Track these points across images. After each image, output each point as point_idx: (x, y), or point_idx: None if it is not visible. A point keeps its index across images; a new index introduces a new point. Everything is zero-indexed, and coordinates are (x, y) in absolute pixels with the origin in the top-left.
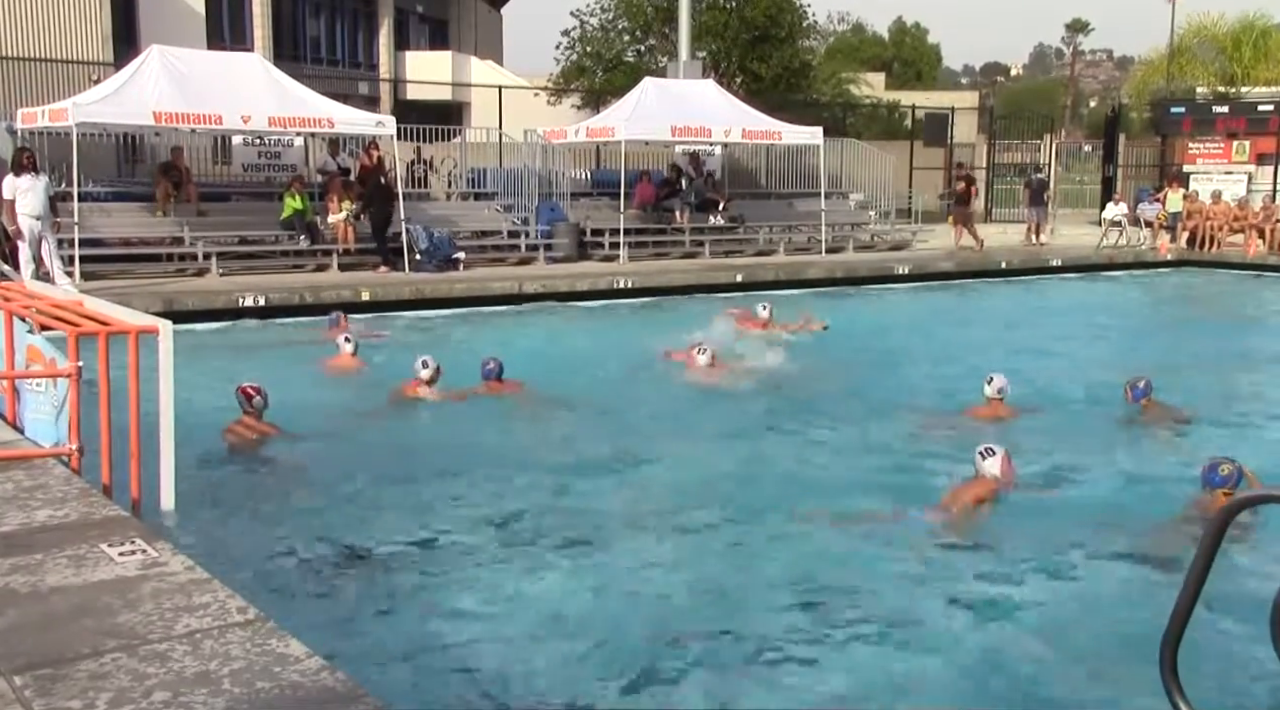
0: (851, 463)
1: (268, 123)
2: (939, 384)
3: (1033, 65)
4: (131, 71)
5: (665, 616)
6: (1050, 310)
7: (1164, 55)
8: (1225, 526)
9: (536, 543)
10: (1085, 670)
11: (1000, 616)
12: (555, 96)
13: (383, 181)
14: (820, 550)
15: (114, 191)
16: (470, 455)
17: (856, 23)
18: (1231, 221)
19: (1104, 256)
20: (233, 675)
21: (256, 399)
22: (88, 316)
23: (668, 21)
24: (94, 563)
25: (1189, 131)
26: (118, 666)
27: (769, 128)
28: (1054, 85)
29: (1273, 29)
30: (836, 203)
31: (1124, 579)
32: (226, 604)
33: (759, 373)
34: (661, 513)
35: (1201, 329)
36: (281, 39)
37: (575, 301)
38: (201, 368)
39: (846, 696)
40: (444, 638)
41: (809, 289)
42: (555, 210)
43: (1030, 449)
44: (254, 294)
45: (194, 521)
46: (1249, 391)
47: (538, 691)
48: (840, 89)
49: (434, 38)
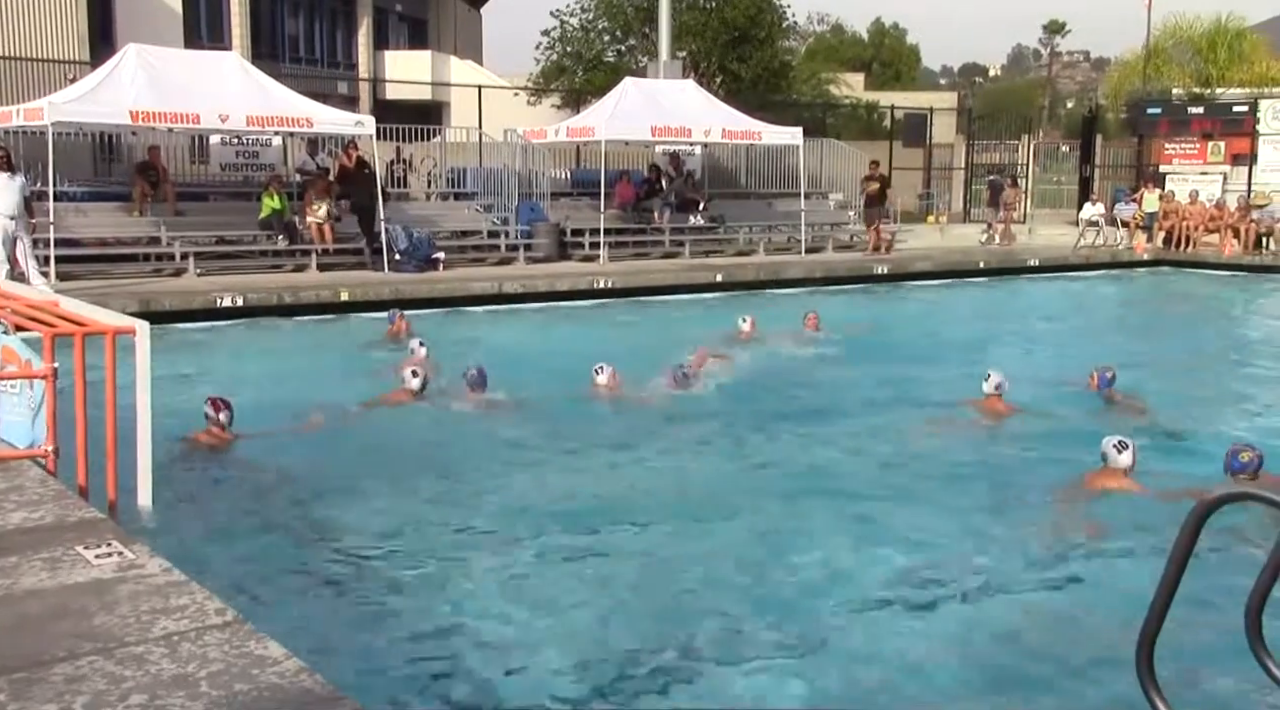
0: (860, 462)
1: (246, 122)
2: (932, 384)
3: (1011, 66)
4: (108, 70)
5: (669, 619)
6: (1027, 309)
7: (1140, 56)
8: (1201, 524)
9: (516, 546)
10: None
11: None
12: (535, 96)
13: (366, 172)
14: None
15: (90, 191)
16: (451, 459)
17: (836, 23)
18: (1207, 222)
19: (1081, 256)
20: (210, 677)
21: (223, 413)
22: (64, 317)
23: (648, 21)
24: (70, 565)
25: (1165, 132)
26: (94, 669)
27: (749, 128)
28: (1032, 86)
29: (1247, 31)
30: (816, 203)
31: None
32: (204, 606)
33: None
34: (660, 513)
35: (1177, 327)
36: (260, 38)
37: (555, 302)
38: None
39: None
40: (423, 640)
41: (790, 289)
42: (535, 210)
43: (1031, 444)
44: (232, 294)
45: (171, 523)
46: (1220, 388)
47: (517, 694)
48: (820, 89)
49: (413, 37)
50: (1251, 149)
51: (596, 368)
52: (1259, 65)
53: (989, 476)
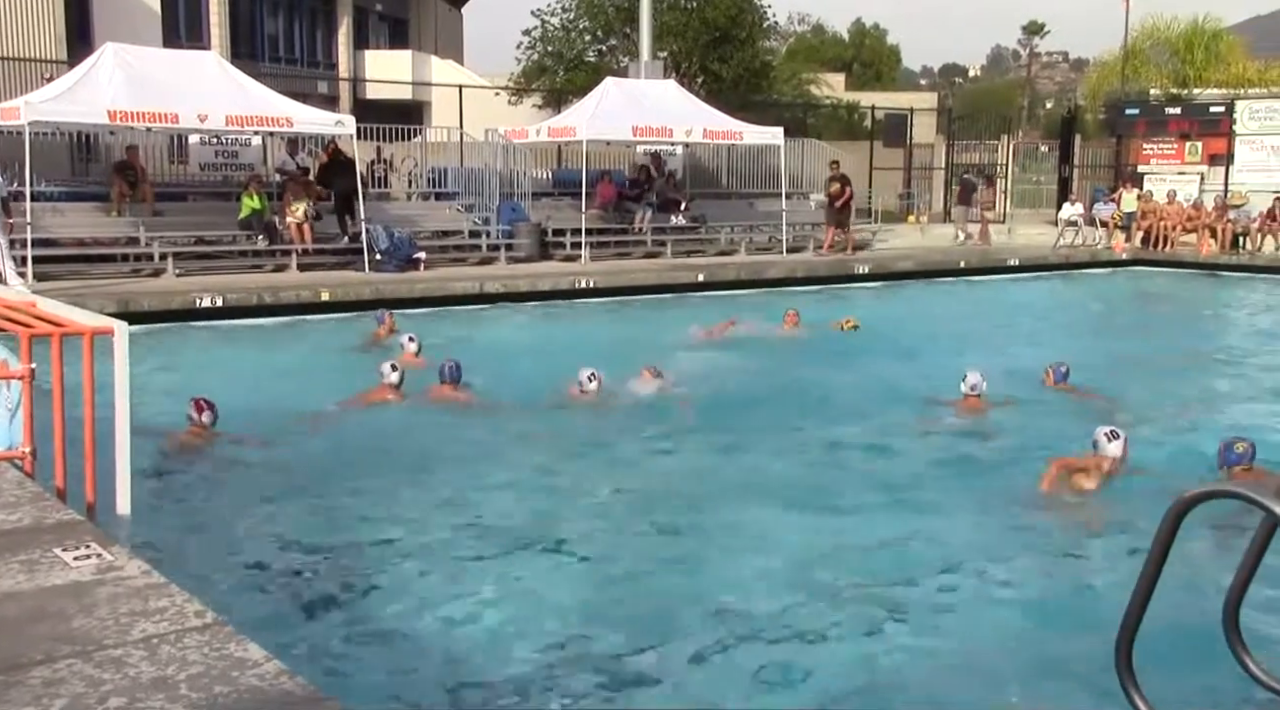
0: (835, 460)
1: (225, 122)
2: (910, 383)
3: (990, 67)
4: (85, 69)
5: (647, 617)
6: (1008, 308)
7: (1118, 57)
8: (1179, 522)
9: (498, 546)
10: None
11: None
12: (516, 96)
13: (343, 160)
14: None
15: (68, 191)
16: (431, 458)
17: (817, 24)
18: (1185, 221)
19: (1060, 256)
20: (190, 680)
21: (205, 414)
22: (41, 318)
23: (629, 21)
24: (48, 567)
25: (1143, 133)
26: (72, 673)
27: (730, 128)
28: (1011, 86)
29: (1223, 32)
30: (797, 203)
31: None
32: (184, 608)
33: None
34: (638, 511)
35: (1153, 326)
36: (239, 37)
37: (536, 302)
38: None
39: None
40: (405, 641)
41: (770, 288)
42: (516, 210)
43: (1011, 442)
44: (211, 294)
45: (151, 525)
46: (1189, 384)
47: (497, 694)
48: (801, 89)
49: (394, 37)
50: (1228, 149)
51: (589, 375)
52: (1236, 66)
53: (966, 475)
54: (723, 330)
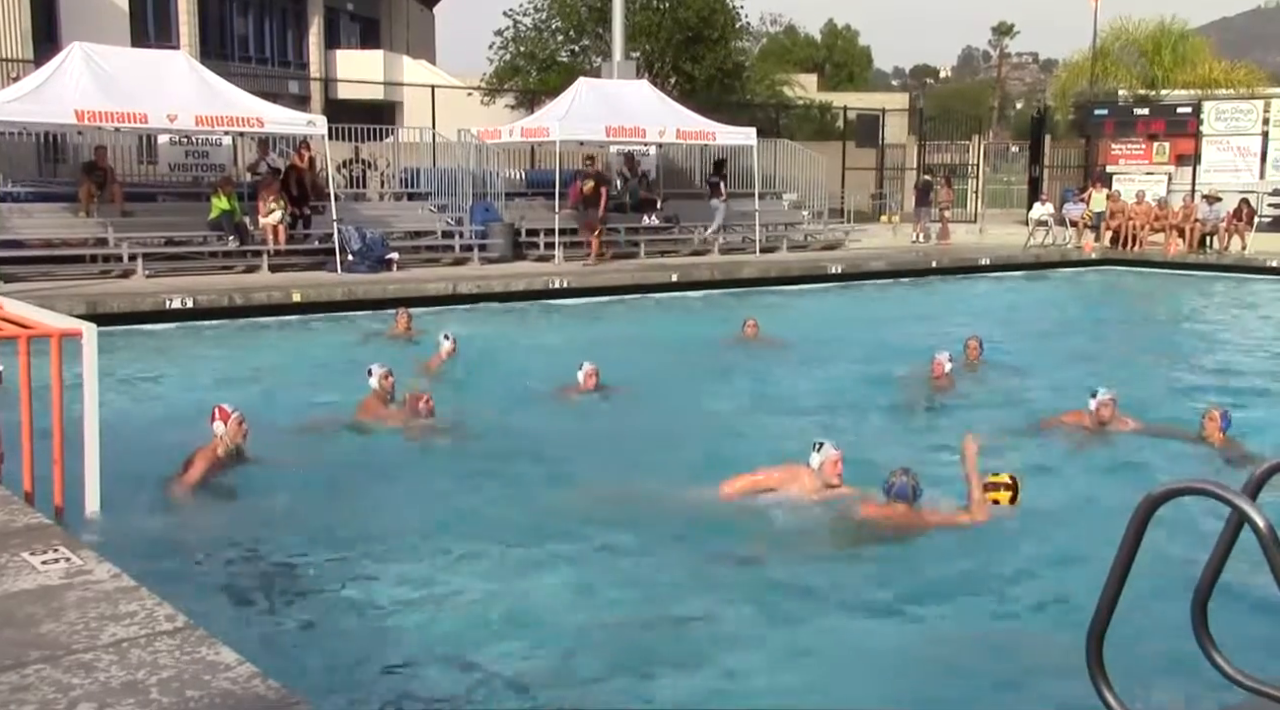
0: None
1: (195, 122)
2: (871, 386)
3: (961, 68)
4: (52, 69)
5: (613, 628)
6: (978, 308)
7: (1087, 58)
8: (1148, 518)
9: (476, 551)
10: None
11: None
12: (489, 96)
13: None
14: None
15: (35, 192)
16: (407, 464)
17: (789, 24)
18: (1152, 221)
19: (1031, 255)
20: (161, 684)
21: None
22: (8, 320)
23: (601, 22)
24: (15, 572)
25: (1111, 133)
26: (41, 678)
27: (703, 128)
28: (982, 87)
29: (1190, 34)
30: (770, 203)
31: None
32: (154, 612)
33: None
34: (614, 518)
35: (1122, 324)
36: (208, 37)
37: (510, 302)
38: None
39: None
40: (377, 644)
41: (743, 288)
42: (490, 210)
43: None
44: (182, 295)
45: (120, 528)
46: (1151, 377)
47: (472, 698)
48: (773, 90)
49: (365, 37)
50: (1195, 149)
51: (587, 372)
52: (1202, 68)
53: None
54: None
